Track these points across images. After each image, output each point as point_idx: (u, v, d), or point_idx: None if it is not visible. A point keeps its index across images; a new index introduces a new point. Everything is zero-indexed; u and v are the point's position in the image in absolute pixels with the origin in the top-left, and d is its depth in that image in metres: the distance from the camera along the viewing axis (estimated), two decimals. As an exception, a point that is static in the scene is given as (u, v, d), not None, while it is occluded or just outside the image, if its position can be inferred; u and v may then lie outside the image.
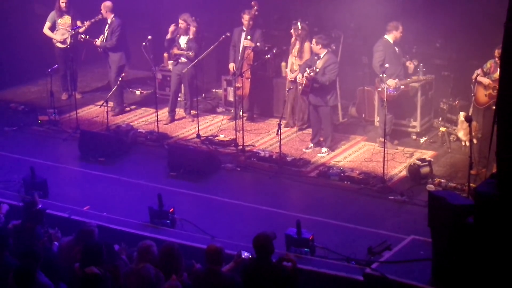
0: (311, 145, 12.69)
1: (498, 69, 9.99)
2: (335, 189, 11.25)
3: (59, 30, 15.02)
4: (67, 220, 9.73)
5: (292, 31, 13.30)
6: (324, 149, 12.53)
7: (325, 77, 12.20)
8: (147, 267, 7.62)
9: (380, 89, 12.31)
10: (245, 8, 13.64)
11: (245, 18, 13.49)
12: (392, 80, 12.12)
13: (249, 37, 13.54)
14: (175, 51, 13.90)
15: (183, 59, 13.85)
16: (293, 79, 13.14)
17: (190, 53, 13.70)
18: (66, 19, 15.02)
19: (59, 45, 15.06)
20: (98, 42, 14.43)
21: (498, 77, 8.51)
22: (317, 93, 12.30)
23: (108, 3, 14.42)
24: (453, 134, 12.69)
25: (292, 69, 13.34)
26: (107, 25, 14.45)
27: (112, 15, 14.43)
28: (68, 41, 15.00)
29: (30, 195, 9.91)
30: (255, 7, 13.59)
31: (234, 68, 13.67)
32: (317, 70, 12.12)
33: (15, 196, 10.57)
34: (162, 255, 7.70)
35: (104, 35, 14.43)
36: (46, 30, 15.09)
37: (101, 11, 14.48)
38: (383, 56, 12.33)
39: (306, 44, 13.12)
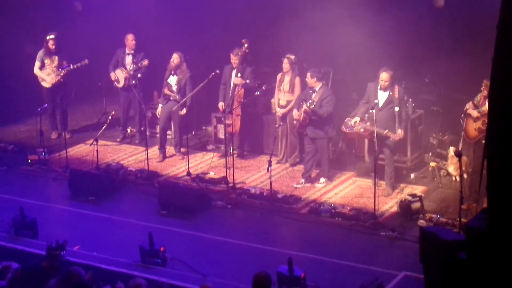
0: (302, 180, 12.66)
1: (486, 102, 10.06)
2: (327, 226, 11.20)
3: (45, 70, 15.05)
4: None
5: (285, 63, 13.27)
6: (322, 179, 12.57)
7: (323, 109, 12.26)
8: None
9: (344, 129, 12.25)
10: (235, 46, 13.68)
11: (233, 58, 13.56)
12: (356, 118, 12.03)
13: (239, 74, 13.57)
14: (165, 91, 13.92)
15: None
16: (281, 115, 13.20)
17: (177, 96, 13.73)
18: (54, 59, 15.05)
19: (44, 84, 15.09)
20: (131, 71, 14.68)
21: (486, 110, 8.53)
22: (316, 125, 12.37)
23: (132, 36, 14.78)
24: (443, 169, 12.68)
25: (279, 104, 13.37)
26: (130, 56, 14.78)
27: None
28: (53, 81, 15.01)
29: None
30: (245, 45, 13.64)
31: (223, 106, 13.69)
32: (314, 103, 12.18)
33: (5, 237, 10.49)
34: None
35: (130, 66, 14.75)
36: (36, 70, 15.08)
37: (126, 42, 14.79)
38: (366, 98, 12.27)
39: (297, 79, 13.16)
